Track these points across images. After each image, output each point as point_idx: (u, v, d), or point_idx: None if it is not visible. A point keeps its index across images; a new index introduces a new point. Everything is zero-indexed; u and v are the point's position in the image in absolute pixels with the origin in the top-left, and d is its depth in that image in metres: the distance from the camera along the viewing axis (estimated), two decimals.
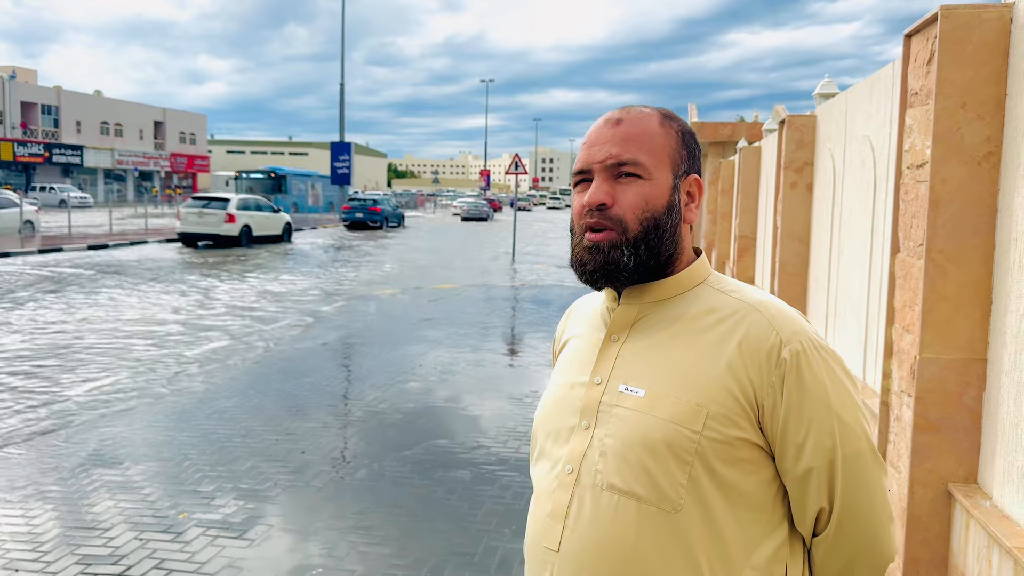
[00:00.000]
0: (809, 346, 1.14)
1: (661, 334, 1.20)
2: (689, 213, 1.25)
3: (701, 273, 1.25)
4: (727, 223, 12.73)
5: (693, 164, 1.26)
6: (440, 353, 8.86)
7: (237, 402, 6.65)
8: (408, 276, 17.02)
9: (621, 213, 1.18)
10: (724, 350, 1.14)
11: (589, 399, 1.21)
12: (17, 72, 59.54)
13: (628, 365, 1.20)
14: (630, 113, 1.23)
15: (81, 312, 11.26)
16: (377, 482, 4.91)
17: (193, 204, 23.03)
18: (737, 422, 1.12)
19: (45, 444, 5.51)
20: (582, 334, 1.32)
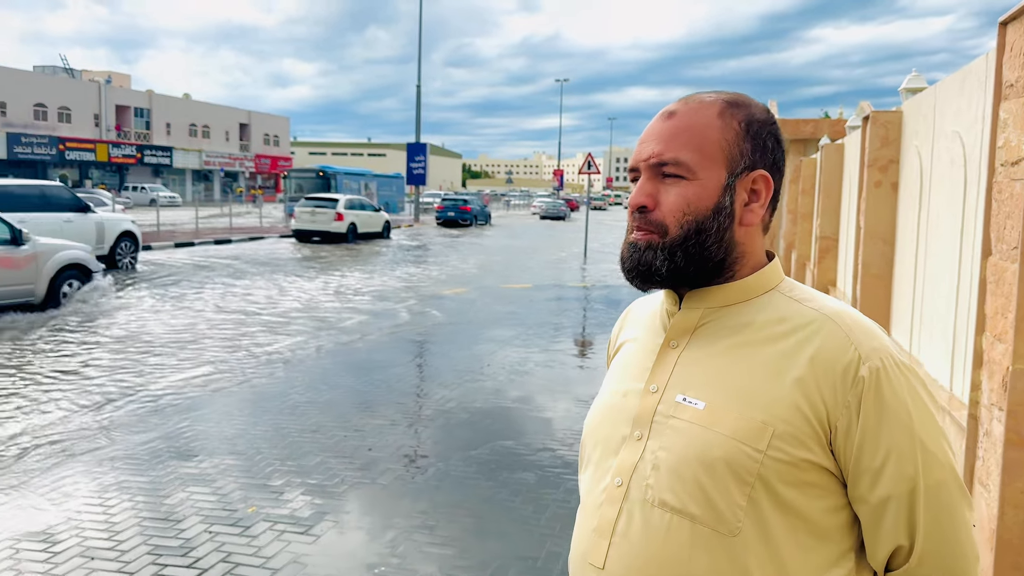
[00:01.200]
0: (890, 363, 1.03)
1: (725, 342, 1.11)
2: (749, 214, 1.13)
3: (772, 279, 1.15)
4: (808, 224, 12.33)
5: (762, 157, 1.13)
6: (510, 352, 8.84)
7: (310, 396, 6.76)
8: (487, 273, 17.17)
9: (662, 217, 1.10)
10: (795, 364, 1.04)
11: (643, 408, 1.13)
12: (112, 77, 62.45)
13: (687, 374, 1.11)
14: (688, 104, 1.13)
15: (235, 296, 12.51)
16: (442, 481, 4.90)
17: (306, 204, 25.43)
18: (806, 443, 1.02)
19: (138, 428, 5.70)
20: (639, 338, 1.24)
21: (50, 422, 5.94)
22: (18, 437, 5.60)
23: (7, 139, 47.55)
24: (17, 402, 6.45)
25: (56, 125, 52.04)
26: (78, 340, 8.97)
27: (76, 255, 11.31)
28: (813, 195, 11.68)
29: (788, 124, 16.66)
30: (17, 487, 4.69)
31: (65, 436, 5.63)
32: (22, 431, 5.72)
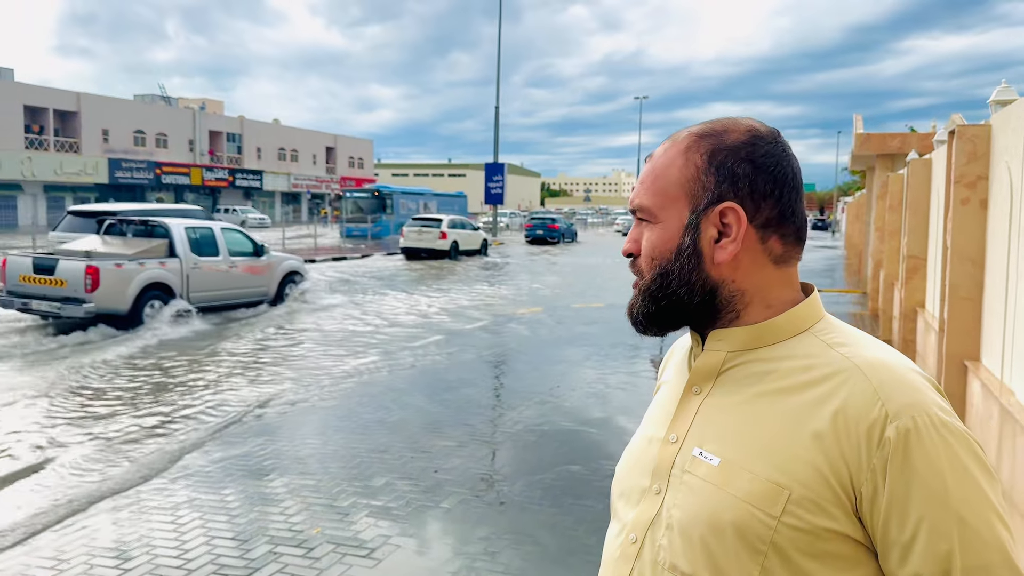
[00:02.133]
0: (925, 423, 0.90)
1: (747, 391, 1.01)
2: (720, 251, 1.01)
3: (807, 318, 1.04)
4: (896, 241, 11.83)
5: (731, 187, 1.01)
6: (582, 373, 8.74)
7: (380, 416, 6.82)
8: (571, 291, 17.05)
9: (642, 263, 1.09)
10: (816, 419, 0.93)
11: (662, 459, 1.05)
12: (206, 103, 65.32)
13: (707, 424, 1.02)
14: (664, 144, 1.09)
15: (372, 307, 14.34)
16: (506, 507, 4.85)
17: (413, 224, 27.89)
18: (826, 509, 0.91)
19: (217, 447, 5.85)
20: (670, 381, 1.17)
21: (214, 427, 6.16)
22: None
23: (109, 164, 50.18)
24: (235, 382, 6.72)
25: (154, 150, 54.68)
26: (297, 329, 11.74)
27: (295, 264, 14.37)
28: (900, 212, 11.21)
29: (874, 139, 16.08)
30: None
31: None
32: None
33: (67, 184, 48.54)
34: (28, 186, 46.51)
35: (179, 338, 10.62)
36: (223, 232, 12.93)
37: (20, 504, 4.86)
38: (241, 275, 12.99)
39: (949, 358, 5.46)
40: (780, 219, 1.03)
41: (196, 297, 12.05)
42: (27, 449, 5.91)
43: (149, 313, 11.22)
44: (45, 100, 48.52)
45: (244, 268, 13.03)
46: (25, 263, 11.13)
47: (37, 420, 6.67)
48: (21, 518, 4.63)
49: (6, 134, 45.82)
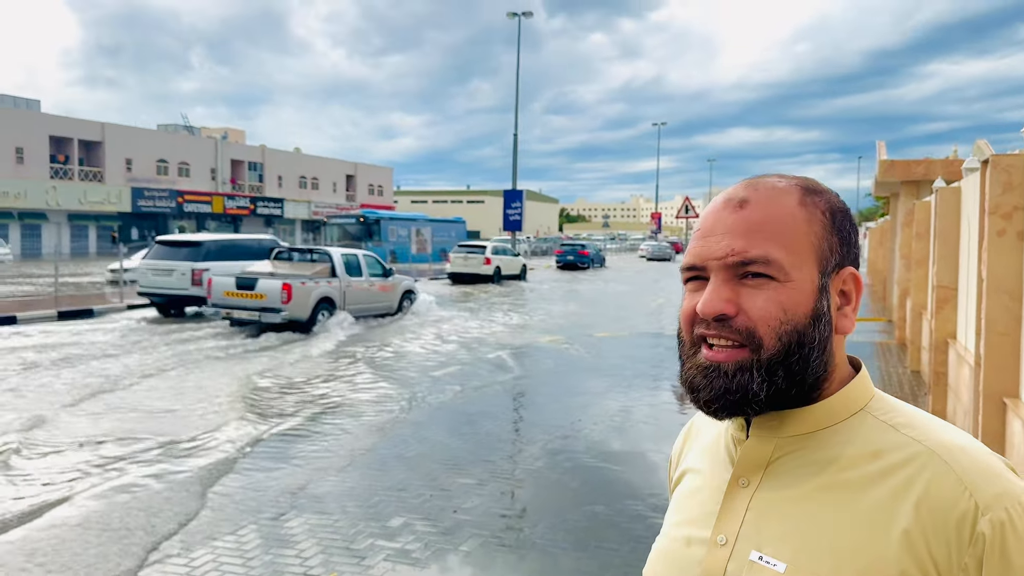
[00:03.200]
0: (1019, 514, 0.81)
1: (807, 484, 0.89)
2: (844, 320, 0.94)
3: (861, 396, 0.93)
4: (923, 270, 11.60)
5: (848, 253, 0.95)
6: (605, 405, 8.57)
7: (397, 451, 6.69)
8: (596, 317, 16.92)
9: (751, 324, 0.89)
10: (897, 514, 0.83)
11: (711, 565, 0.91)
12: (228, 133, 66.13)
13: (763, 523, 0.89)
14: (758, 190, 0.93)
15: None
16: (527, 550, 4.69)
17: (459, 251, 29.75)
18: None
19: (235, 483, 5.75)
20: (702, 470, 1.02)
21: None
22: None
23: (132, 193, 50.84)
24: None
25: (176, 179, 55.36)
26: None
27: (410, 283, 17.80)
28: (927, 239, 11.00)
29: (898, 165, 15.89)
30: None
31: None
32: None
33: (91, 213, 49.20)
34: (52, 215, 47.18)
35: (347, 338, 13.70)
36: (364, 257, 16.31)
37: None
38: (377, 292, 16.35)
39: (987, 395, 5.26)
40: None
41: (350, 308, 15.34)
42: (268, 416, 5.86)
43: (320, 320, 14.44)
44: (70, 130, 49.35)
45: (379, 287, 16.40)
46: (228, 282, 14.27)
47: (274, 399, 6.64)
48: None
49: (32, 164, 46.60)
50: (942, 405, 8.15)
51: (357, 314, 15.48)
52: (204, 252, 16.27)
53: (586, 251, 40.72)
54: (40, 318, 15.81)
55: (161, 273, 16.20)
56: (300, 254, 16.05)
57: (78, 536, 4.87)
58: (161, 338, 13.50)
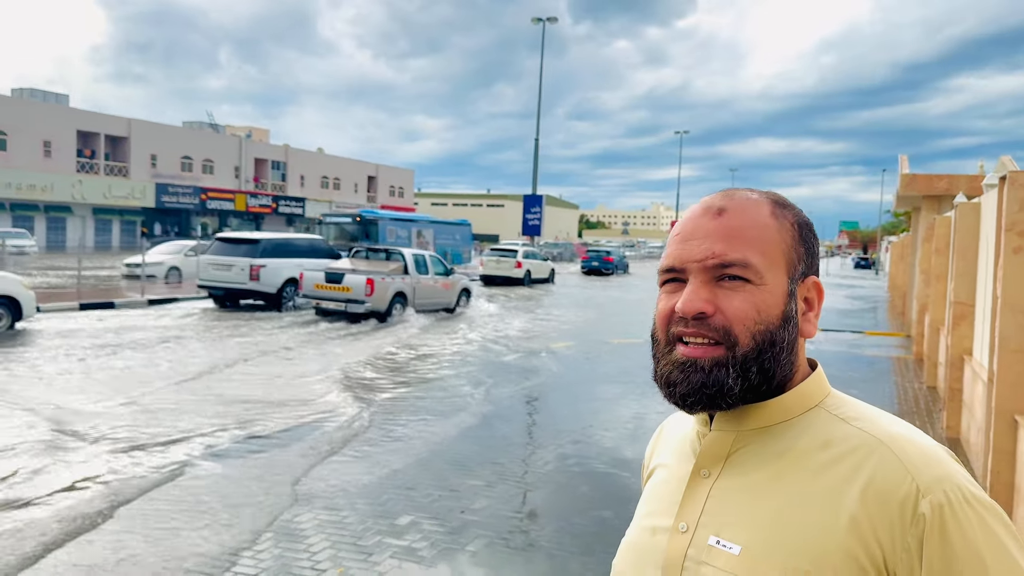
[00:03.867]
0: (957, 497, 0.86)
1: (763, 472, 0.95)
2: (807, 325, 1.01)
3: (816, 393, 1.00)
4: (942, 285, 11.53)
5: (812, 263, 1.03)
6: (616, 412, 8.59)
7: (408, 462, 6.74)
8: (613, 322, 16.93)
9: (728, 323, 0.95)
10: (844, 499, 0.88)
11: (672, 551, 0.97)
12: (252, 131, 66.74)
13: (721, 510, 0.95)
14: (734, 200, 1.00)
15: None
16: (533, 553, 4.73)
17: (491, 254, 31.36)
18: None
19: (245, 473, 5.83)
20: (669, 464, 1.08)
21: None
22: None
23: (156, 189, 51.41)
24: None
25: (200, 176, 55.93)
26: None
27: (467, 282, 19.87)
28: (947, 255, 10.93)
29: (920, 180, 15.79)
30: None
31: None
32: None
33: (115, 207, 49.80)
34: (78, 208, 47.80)
35: (417, 330, 15.37)
36: (430, 257, 18.35)
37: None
38: (440, 289, 18.22)
39: (999, 413, 5.24)
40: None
41: (418, 303, 17.24)
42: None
43: (395, 312, 16.40)
44: (97, 125, 50.01)
45: (442, 284, 18.28)
46: (319, 276, 16.32)
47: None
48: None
49: (60, 158, 47.26)
50: (956, 421, 8.10)
51: (423, 308, 17.42)
52: (261, 249, 17.57)
53: (611, 258, 42.01)
54: (62, 308, 16.06)
55: (221, 268, 17.50)
56: (375, 253, 18.13)
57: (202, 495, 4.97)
58: (227, 326, 14.82)
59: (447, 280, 18.57)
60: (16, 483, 5.66)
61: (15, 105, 45.77)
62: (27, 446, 6.51)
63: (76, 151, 48.65)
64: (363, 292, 15.80)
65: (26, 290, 12.99)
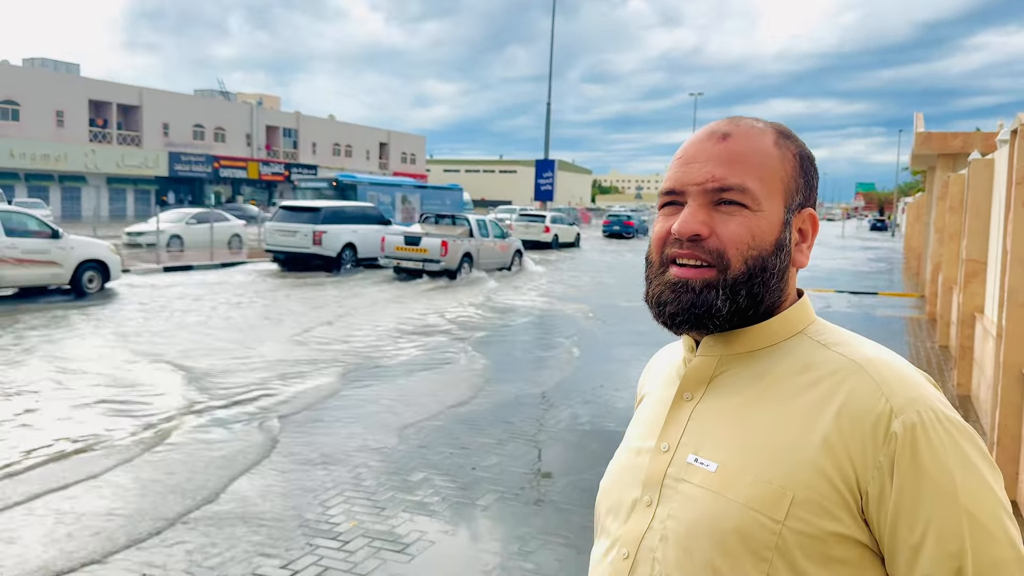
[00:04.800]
0: (930, 418, 0.88)
1: (743, 394, 0.97)
2: (800, 255, 1.03)
3: (800, 320, 1.01)
4: (955, 244, 11.45)
5: (810, 196, 1.04)
6: (629, 373, 8.65)
7: (423, 406, 6.84)
8: (630, 286, 16.98)
9: (721, 246, 0.97)
10: (819, 420, 0.90)
11: (653, 469, 1.00)
12: (263, 99, 66.47)
13: (701, 431, 0.98)
14: (739, 127, 1.01)
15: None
16: (542, 507, 4.82)
17: (521, 219, 32.70)
18: (832, 512, 0.88)
19: (260, 433, 5.95)
20: (655, 391, 1.11)
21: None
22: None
23: (169, 157, 51.48)
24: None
25: (212, 144, 55.91)
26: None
27: (519, 244, 21.98)
28: (960, 213, 10.84)
29: (935, 138, 15.59)
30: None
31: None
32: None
33: (129, 176, 49.95)
34: (92, 178, 47.98)
35: (494, 282, 18.03)
36: (490, 222, 20.45)
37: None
38: (498, 250, 20.42)
39: (1007, 367, 5.25)
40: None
41: (481, 263, 19.32)
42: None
43: (463, 270, 18.46)
44: (109, 94, 49.97)
45: (500, 246, 20.51)
46: (398, 240, 18.45)
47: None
48: None
49: (72, 128, 47.33)
50: (967, 379, 8.11)
51: (484, 267, 19.45)
52: (322, 216, 19.33)
53: (631, 222, 43.25)
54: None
55: (287, 234, 19.30)
56: (443, 219, 20.46)
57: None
58: (310, 285, 16.76)
59: (504, 242, 20.86)
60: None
61: (27, 75, 45.77)
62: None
63: (88, 120, 48.68)
64: (438, 253, 17.89)
65: (113, 254, 14.16)
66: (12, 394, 7.11)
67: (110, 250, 14.16)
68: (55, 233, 13.29)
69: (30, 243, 12.87)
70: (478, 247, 19.34)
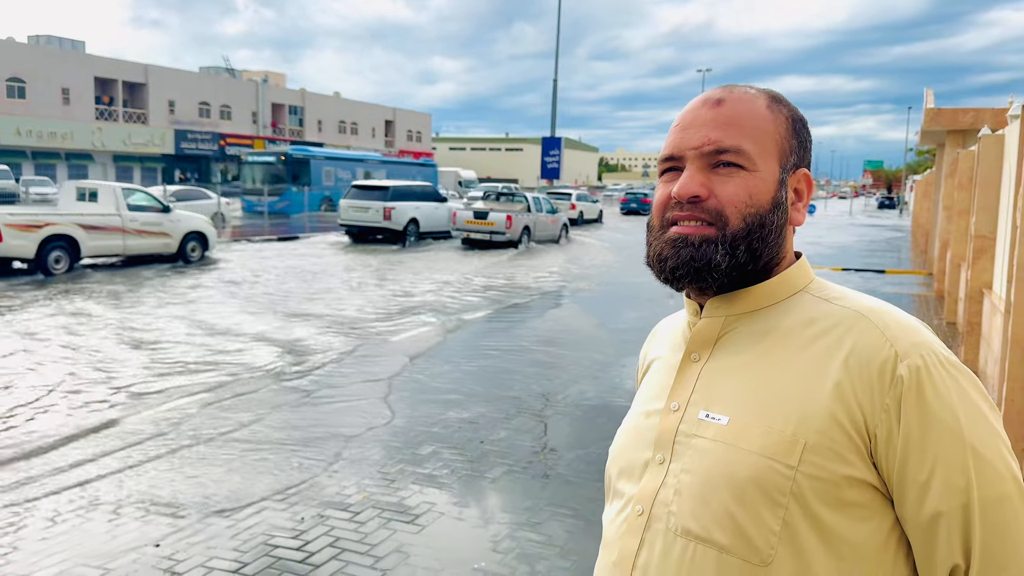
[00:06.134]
0: (933, 361, 0.92)
1: (750, 351, 1.01)
2: (796, 213, 1.07)
3: (800, 279, 1.06)
4: (964, 221, 11.40)
5: (804, 156, 1.08)
6: (635, 349, 8.67)
7: (436, 381, 6.89)
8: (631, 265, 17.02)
9: (720, 206, 1.01)
10: (827, 368, 0.94)
11: (664, 428, 1.03)
12: (269, 76, 66.23)
13: (710, 388, 1.02)
14: (733, 93, 1.05)
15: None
16: (551, 479, 4.86)
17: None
18: (843, 456, 0.91)
19: (278, 396, 6.01)
20: (662, 356, 1.15)
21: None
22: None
23: (175, 136, 51.44)
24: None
25: (218, 122, 55.82)
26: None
27: (566, 219, 24.93)
28: (969, 190, 10.79)
29: (944, 114, 15.46)
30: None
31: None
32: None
33: (135, 154, 49.95)
34: (98, 156, 48.00)
35: (531, 252, 20.39)
36: (543, 199, 23.30)
37: None
38: (550, 224, 23.12)
39: (1015, 341, 5.26)
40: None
41: (536, 235, 22.18)
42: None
43: (523, 241, 21.23)
44: (115, 72, 49.86)
45: (551, 220, 23.15)
46: (468, 214, 21.28)
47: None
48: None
49: (78, 105, 47.29)
50: (974, 355, 8.12)
51: (538, 239, 22.31)
52: (391, 194, 21.89)
53: (648, 199, 44.54)
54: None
55: (359, 210, 21.81)
56: (505, 196, 23.29)
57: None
58: (387, 255, 19.17)
59: (554, 217, 23.49)
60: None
61: (32, 52, 45.67)
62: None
63: (95, 98, 48.63)
64: (504, 226, 20.65)
65: (210, 227, 16.35)
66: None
67: (208, 223, 16.36)
68: (165, 208, 15.43)
69: (146, 216, 14.98)
70: (534, 221, 21.98)
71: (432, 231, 22.80)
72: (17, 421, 5.77)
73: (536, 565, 3.74)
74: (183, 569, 3.61)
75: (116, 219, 14.38)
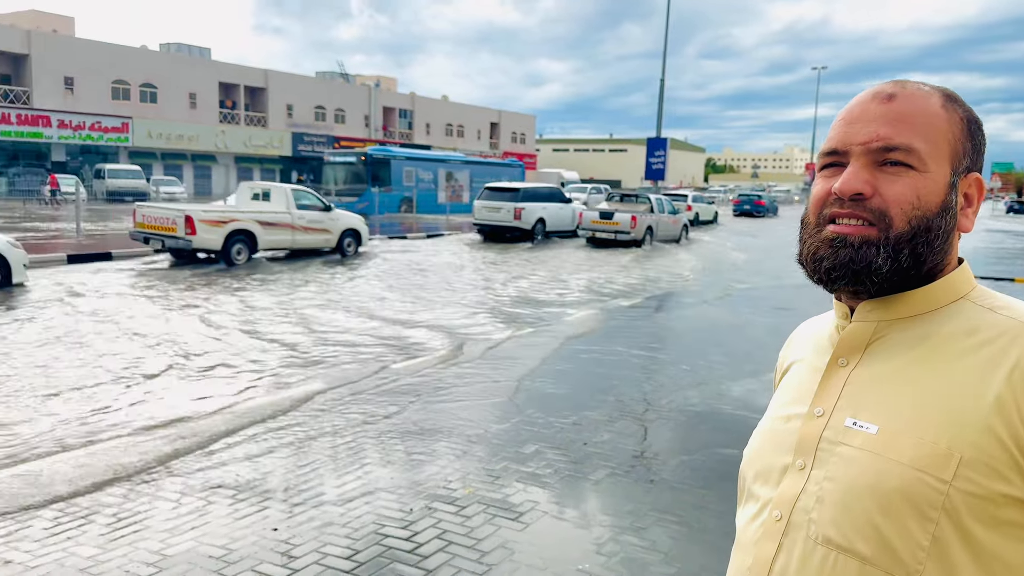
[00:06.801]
0: None
1: (903, 357, 0.97)
2: (965, 219, 1.01)
3: (962, 285, 1.00)
4: None
5: (976, 160, 1.02)
6: (753, 355, 8.48)
7: (538, 383, 6.95)
8: (758, 266, 16.67)
9: (884, 206, 0.96)
10: (989, 380, 0.89)
11: (806, 434, 1.00)
12: (380, 80, 68.13)
13: (858, 395, 0.98)
14: (905, 88, 1.00)
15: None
16: (655, 484, 4.83)
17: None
18: (1003, 473, 0.86)
19: (388, 399, 6.22)
20: (805, 359, 1.11)
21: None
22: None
23: (293, 138, 53.61)
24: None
25: (332, 125, 57.83)
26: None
27: (686, 219, 25.53)
28: None
29: None
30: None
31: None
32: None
33: (255, 156, 52.35)
34: (221, 157, 50.58)
35: (655, 251, 21.39)
36: (665, 200, 24.28)
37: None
38: (671, 224, 23.94)
39: None
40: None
41: (659, 235, 23.08)
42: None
43: (647, 241, 22.23)
44: (237, 77, 52.41)
45: (672, 220, 23.89)
46: (594, 215, 22.48)
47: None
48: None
49: (204, 109, 49.95)
50: None
51: (661, 239, 23.13)
52: (521, 196, 23.21)
53: (762, 201, 45.28)
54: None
55: (492, 210, 23.25)
56: (628, 197, 24.36)
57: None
58: (523, 251, 20.46)
59: (675, 218, 24.32)
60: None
61: (163, 59, 48.57)
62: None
63: (219, 102, 51.25)
64: (628, 226, 21.57)
65: (363, 225, 17.84)
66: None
67: (362, 222, 17.84)
68: (327, 207, 16.99)
69: (311, 215, 16.59)
70: (657, 221, 22.88)
71: (557, 230, 23.97)
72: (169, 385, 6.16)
73: (640, 571, 3.73)
74: (299, 553, 3.78)
75: (287, 216, 15.98)
